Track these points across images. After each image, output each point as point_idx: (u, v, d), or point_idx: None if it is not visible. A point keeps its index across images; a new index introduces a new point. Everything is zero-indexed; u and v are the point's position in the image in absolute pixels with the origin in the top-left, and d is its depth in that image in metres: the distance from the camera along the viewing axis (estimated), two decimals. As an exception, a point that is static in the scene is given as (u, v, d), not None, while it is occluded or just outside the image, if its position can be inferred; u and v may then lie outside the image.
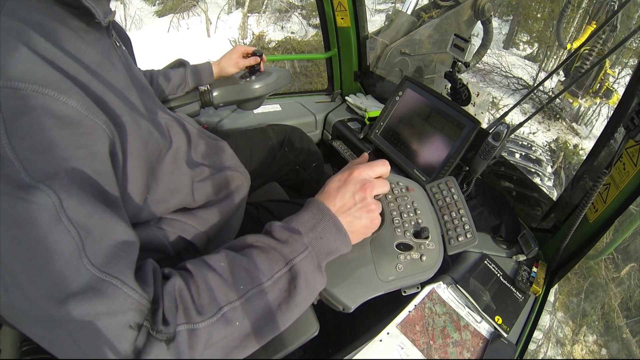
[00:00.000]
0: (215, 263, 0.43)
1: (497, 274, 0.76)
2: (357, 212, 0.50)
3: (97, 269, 0.35)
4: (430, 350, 0.60)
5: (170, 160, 0.58)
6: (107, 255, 0.36)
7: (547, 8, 7.44)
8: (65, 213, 0.34)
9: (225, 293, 0.40)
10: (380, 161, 0.55)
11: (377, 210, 0.52)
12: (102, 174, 0.39)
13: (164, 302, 0.38)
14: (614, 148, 0.72)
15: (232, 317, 0.40)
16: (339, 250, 0.49)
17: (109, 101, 0.43)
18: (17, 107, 0.33)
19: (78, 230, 0.34)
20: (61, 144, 0.36)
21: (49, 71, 0.36)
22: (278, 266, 0.44)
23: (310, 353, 0.87)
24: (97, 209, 0.37)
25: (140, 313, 0.36)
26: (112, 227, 0.38)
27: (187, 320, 0.38)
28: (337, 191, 0.50)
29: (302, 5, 7.80)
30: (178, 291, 0.40)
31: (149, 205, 0.52)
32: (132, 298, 0.36)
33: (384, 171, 0.55)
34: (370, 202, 0.51)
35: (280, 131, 1.10)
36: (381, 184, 0.53)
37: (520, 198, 0.96)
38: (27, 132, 0.34)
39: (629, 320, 2.84)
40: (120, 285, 0.35)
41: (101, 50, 0.48)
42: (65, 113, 0.36)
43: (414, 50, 2.42)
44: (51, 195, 0.33)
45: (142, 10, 7.82)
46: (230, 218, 0.69)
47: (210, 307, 0.39)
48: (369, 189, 0.50)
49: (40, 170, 0.34)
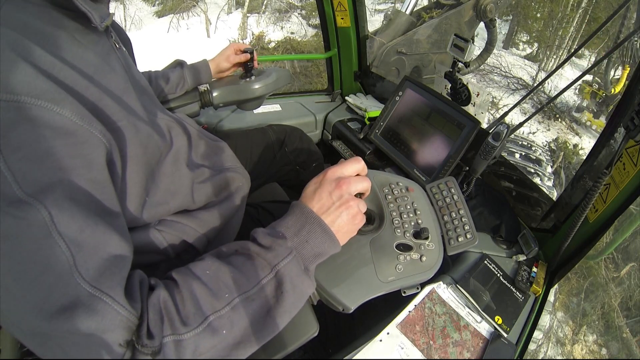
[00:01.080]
0: (200, 272, 0.43)
1: (497, 274, 0.76)
2: (336, 211, 0.50)
3: (89, 284, 0.35)
4: (430, 350, 0.60)
5: (170, 161, 0.58)
6: (99, 270, 0.36)
7: (547, 8, 7.44)
8: (56, 228, 0.34)
9: (210, 302, 0.40)
10: (352, 159, 0.54)
11: (356, 205, 0.52)
12: (98, 183, 0.39)
13: (148, 315, 0.38)
14: (614, 148, 0.72)
15: (219, 325, 0.39)
16: (327, 252, 0.49)
17: (106, 107, 0.43)
18: (10, 119, 0.33)
19: (69, 245, 0.34)
20: (56, 154, 0.35)
21: (43, 82, 0.36)
22: (264, 272, 0.44)
23: (310, 353, 0.87)
24: (89, 222, 0.37)
25: (129, 330, 0.36)
26: (105, 240, 0.38)
27: (173, 331, 0.38)
28: (314, 193, 0.50)
29: (301, 6, 7.81)
30: (163, 303, 0.39)
31: (149, 207, 0.52)
32: (121, 315, 0.36)
33: (358, 167, 0.54)
34: (348, 199, 0.51)
35: (280, 131, 1.10)
36: (359, 180, 0.53)
37: (520, 198, 0.96)
38: (21, 144, 0.34)
39: (629, 319, 2.84)
40: (110, 302, 0.35)
41: (99, 52, 0.48)
42: (60, 124, 0.36)
43: (410, 49, 2.41)
44: (42, 211, 0.33)
45: (142, 11, 7.82)
46: (230, 219, 0.69)
47: (196, 317, 0.39)
48: (344, 186, 0.50)
49: (32, 183, 0.34)
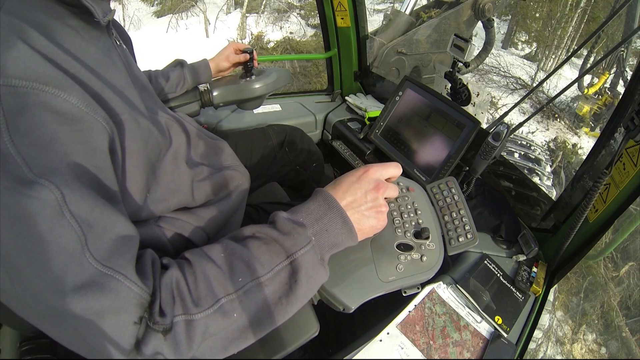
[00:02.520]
0: (214, 254, 0.43)
1: (497, 274, 0.76)
2: (367, 211, 0.50)
3: (100, 263, 0.35)
4: (430, 350, 0.60)
5: (170, 159, 0.58)
6: (110, 250, 0.36)
7: (546, 7, 7.45)
8: (67, 207, 0.34)
9: (223, 285, 0.40)
10: (394, 163, 0.55)
11: (386, 212, 0.52)
12: (102, 170, 0.40)
13: (161, 293, 0.38)
14: (614, 148, 0.72)
15: (230, 309, 0.40)
16: (344, 243, 0.48)
17: (109, 99, 0.43)
18: (18, 105, 0.34)
19: (80, 224, 0.35)
20: (62, 140, 0.36)
21: (49, 69, 0.37)
22: (279, 259, 0.43)
23: (310, 353, 0.87)
24: (98, 203, 0.37)
25: (141, 307, 0.37)
26: (114, 221, 0.38)
27: (185, 311, 0.38)
28: (350, 186, 0.50)
29: (300, 6, 7.80)
30: (175, 282, 0.40)
31: (149, 204, 0.52)
32: (134, 292, 0.36)
33: (396, 173, 0.55)
34: (382, 204, 0.51)
35: (280, 131, 1.10)
36: (392, 188, 0.53)
37: (520, 198, 0.96)
38: (29, 129, 0.34)
39: (628, 319, 2.84)
40: (123, 280, 0.36)
41: (101, 48, 0.48)
42: (66, 109, 0.37)
43: (410, 49, 2.41)
44: (53, 190, 0.34)
45: (141, 11, 7.81)
46: (230, 217, 0.69)
47: (207, 299, 0.39)
48: (382, 190, 0.50)
49: (42, 165, 0.34)
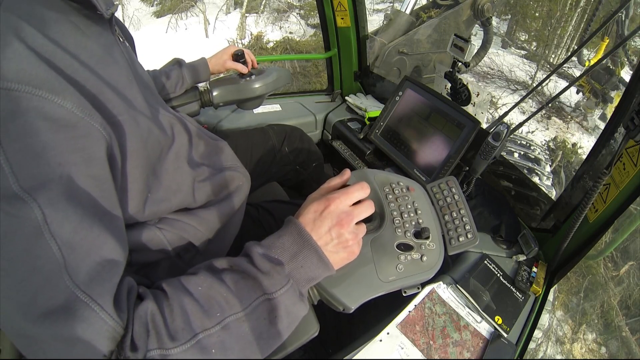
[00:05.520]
0: (192, 287, 0.41)
1: (497, 274, 0.76)
2: (333, 248, 0.48)
3: (78, 288, 0.34)
4: (430, 350, 0.60)
5: (172, 158, 0.58)
6: (90, 275, 0.35)
7: (545, 7, 7.44)
8: (48, 228, 0.33)
9: (201, 319, 0.39)
10: (357, 185, 0.50)
11: (355, 240, 0.49)
12: (98, 179, 0.39)
13: (133, 326, 0.37)
14: (614, 148, 0.72)
15: (208, 344, 0.38)
16: (320, 276, 0.47)
17: (107, 99, 0.42)
18: (9, 109, 0.32)
19: (60, 246, 0.33)
20: (56, 148, 0.34)
21: (43, 70, 0.35)
22: (256, 294, 0.42)
23: (310, 353, 0.87)
24: (84, 225, 0.36)
25: (113, 341, 0.35)
26: (100, 244, 0.37)
27: (160, 345, 0.37)
28: (313, 223, 0.47)
29: (300, 6, 7.79)
30: (150, 315, 0.38)
31: (151, 204, 0.52)
32: (108, 325, 0.35)
33: (362, 196, 0.51)
34: (348, 238, 0.48)
35: (280, 131, 1.10)
36: (362, 211, 0.50)
37: (520, 198, 0.96)
38: (20, 135, 0.33)
39: (628, 318, 2.84)
40: (98, 310, 0.34)
41: (103, 44, 0.47)
42: (60, 115, 0.35)
43: (412, 49, 2.42)
44: (35, 209, 0.32)
45: (140, 11, 7.80)
46: (230, 218, 0.69)
47: (184, 333, 0.38)
48: (346, 225, 0.47)
49: (30, 177, 0.33)
